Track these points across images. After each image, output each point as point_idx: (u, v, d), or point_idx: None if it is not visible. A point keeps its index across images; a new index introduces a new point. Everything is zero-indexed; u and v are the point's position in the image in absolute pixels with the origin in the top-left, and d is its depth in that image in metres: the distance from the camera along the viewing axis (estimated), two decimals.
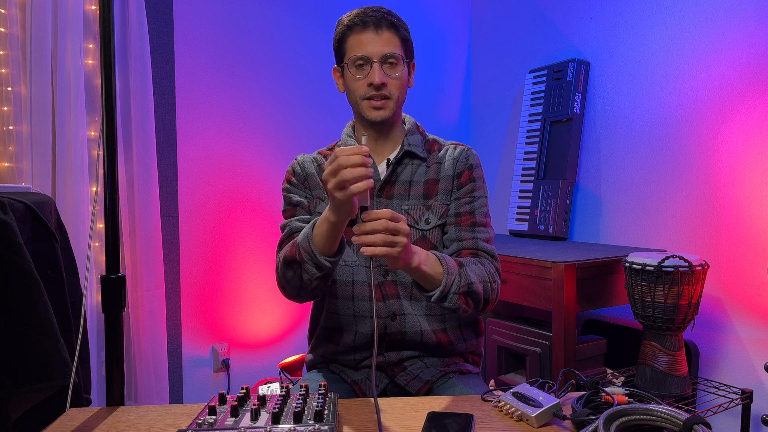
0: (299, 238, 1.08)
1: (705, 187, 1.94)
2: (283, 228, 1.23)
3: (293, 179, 1.27)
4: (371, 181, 0.91)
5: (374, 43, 1.15)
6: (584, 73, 2.35)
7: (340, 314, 1.23)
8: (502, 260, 1.97)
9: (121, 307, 1.06)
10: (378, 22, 1.16)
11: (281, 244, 1.19)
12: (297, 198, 1.25)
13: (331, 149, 1.32)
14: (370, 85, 1.16)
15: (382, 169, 1.23)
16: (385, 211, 0.93)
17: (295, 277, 1.10)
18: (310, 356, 1.32)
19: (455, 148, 1.26)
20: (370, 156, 0.92)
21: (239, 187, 2.47)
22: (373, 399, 1.00)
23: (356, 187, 0.90)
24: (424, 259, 1.04)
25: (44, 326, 1.14)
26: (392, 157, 1.23)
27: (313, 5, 2.59)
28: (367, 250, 0.92)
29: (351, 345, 1.22)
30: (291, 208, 1.25)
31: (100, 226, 2.03)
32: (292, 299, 1.18)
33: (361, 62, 1.16)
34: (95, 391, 1.88)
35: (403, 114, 1.29)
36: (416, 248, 1.03)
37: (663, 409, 0.78)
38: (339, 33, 1.21)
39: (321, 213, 1.20)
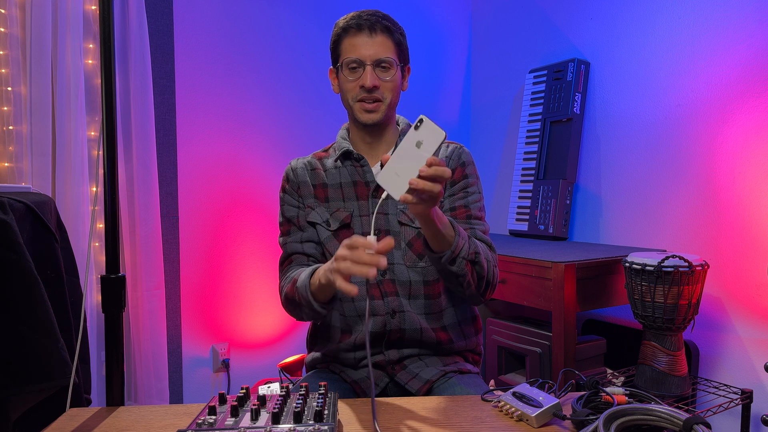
0: (299, 282, 1.13)
1: (705, 187, 1.94)
2: (281, 245, 1.29)
3: (287, 186, 1.30)
4: (372, 273, 0.89)
5: (368, 47, 1.18)
6: (584, 73, 2.35)
7: (340, 314, 1.23)
8: (502, 260, 1.97)
9: (121, 307, 1.06)
10: (372, 26, 1.18)
11: (281, 264, 1.28)
12: (290, 210, 1.28)
13: (326, 151, 1.33)
14: (362, 87, 1.18)
15: (376, 170, 1.25)
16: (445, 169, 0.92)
17: (296, 311, 1.20)
18: (310, 356, 1.32)
19: (447, 146, 1.27)
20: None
21: (239, 187, 2.47)
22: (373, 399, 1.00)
23: (359, 272, 0.90)
24: (441, 214, 1.05)
25: (44, 326, 1.13)
26: None
27: (313, 5, 2.59)
28: (404, 198, 0.91)
29: (351, 343, 1.23)
30: (286, 223, 1.29)
31: (100, 226, 2.03)
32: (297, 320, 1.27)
33: (354, 65, 1.19)
34: (95, 391, 1.88)
35: (397, 115, 1.32)
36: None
37: (663, 409, 0.78)
38: (335, 35, 1.23)
39: (312, 222, 1.25)
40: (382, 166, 1.22)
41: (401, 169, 0.93)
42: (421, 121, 0.92)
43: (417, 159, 0.92)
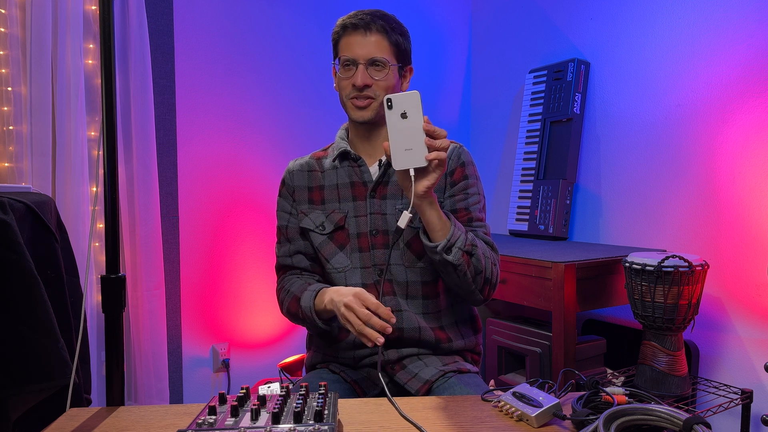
0: (302, 301, 1.18)
1: (705, 187, 1.94)
2: (276, 253, 1.35)
3: (283, 190, 1.33)
4: (381, 341, 1.01)
5: (361, 46, 1.19)
6: (584, 73, 2.35)
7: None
8: (502, 260, 1.97)
9: (121, 307, 1.06)
10: (367, 25, 1.19)
11: (277, 272, 1.35)
12: (283, 218, 1.32)
13: (325, 150, 1.33)
14: (354, 86, 1.19)
15: (374, 170, 1.24)
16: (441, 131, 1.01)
17: (298, 322, 1.26)
18: (309, 356, 1.32)
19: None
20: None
21: (239, 187, 2.47)
22: (372, 398, 1.00)
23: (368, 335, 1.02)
24: (438, 205, 1.08)
25: (44, 326, 1.13)
26: (384, 158, 1.24)
27: (313, 5, 2.59)
28: (436, 155, 0.98)
29: (351, 342, 1.23)
30: (278, 232, 1.33)
31: (100, 226, 2.03)
32: None
33: (348, 63, 1.20)
34: (95, 391, 1.88)
35: None
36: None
37: (663, 409, 0.78)
38: (334, 33, 1.25)
39: (305, 227, 1.27)
40: (380, 165, 1.23)
41: (405, 143, 0.98)
42: (389, 100, 0.99)
43: (412, 127, 0.98)
